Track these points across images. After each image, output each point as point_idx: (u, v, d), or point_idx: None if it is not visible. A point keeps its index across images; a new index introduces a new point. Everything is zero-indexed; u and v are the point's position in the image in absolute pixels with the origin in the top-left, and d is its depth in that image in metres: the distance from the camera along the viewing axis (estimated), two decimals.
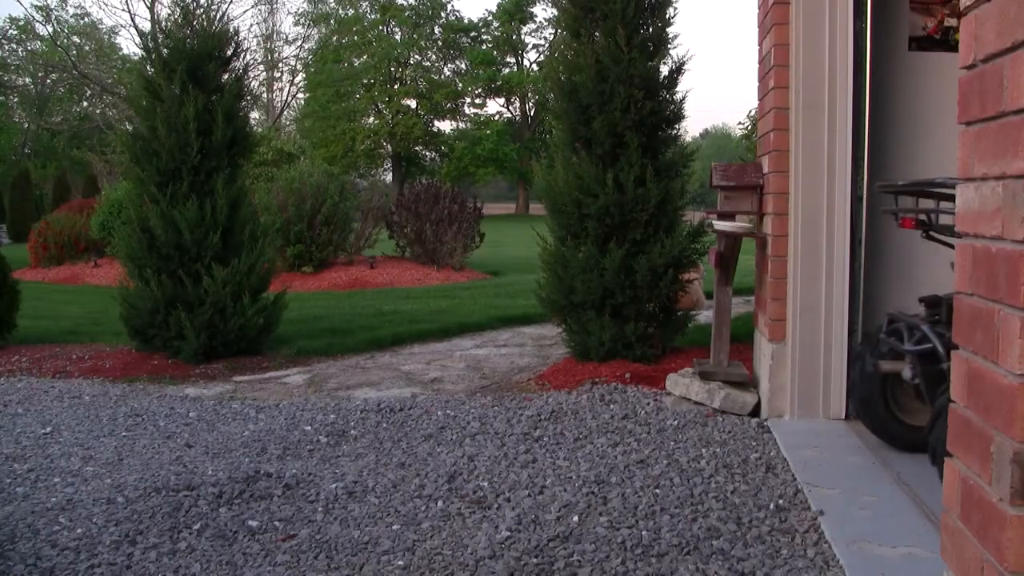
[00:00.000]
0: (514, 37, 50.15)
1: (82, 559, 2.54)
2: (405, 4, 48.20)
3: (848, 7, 3.75)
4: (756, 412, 4.06)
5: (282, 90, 39.43)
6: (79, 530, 2.75)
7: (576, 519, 2.76)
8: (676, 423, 3.89)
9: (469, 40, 50.39)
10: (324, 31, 45.32)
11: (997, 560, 1.40)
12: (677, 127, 5.11)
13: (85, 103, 40.07)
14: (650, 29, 4.97)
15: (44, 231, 13.10)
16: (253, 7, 38.32)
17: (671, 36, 5.03)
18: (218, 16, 5.83)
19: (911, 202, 3.25)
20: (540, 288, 5.25)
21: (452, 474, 3.24)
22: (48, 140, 39.98)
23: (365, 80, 46.05)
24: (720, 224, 4.19)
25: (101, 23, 46.40)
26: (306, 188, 11.18)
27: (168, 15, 6.02)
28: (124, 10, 61.13)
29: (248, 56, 23.62)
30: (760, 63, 4.46)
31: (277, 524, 2.80)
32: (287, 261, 10.88)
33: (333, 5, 46.90)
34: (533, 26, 49.94)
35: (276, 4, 38.15)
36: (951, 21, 4.02)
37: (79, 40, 36.71)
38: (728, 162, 4.82)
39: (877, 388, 3.36)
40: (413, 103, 47.73)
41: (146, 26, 26.77)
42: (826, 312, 3.83)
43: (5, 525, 2.80)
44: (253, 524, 2.79)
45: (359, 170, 43.53)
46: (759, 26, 4.45)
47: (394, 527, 2.75)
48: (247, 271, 5.57)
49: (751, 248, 4.59)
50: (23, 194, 23.97)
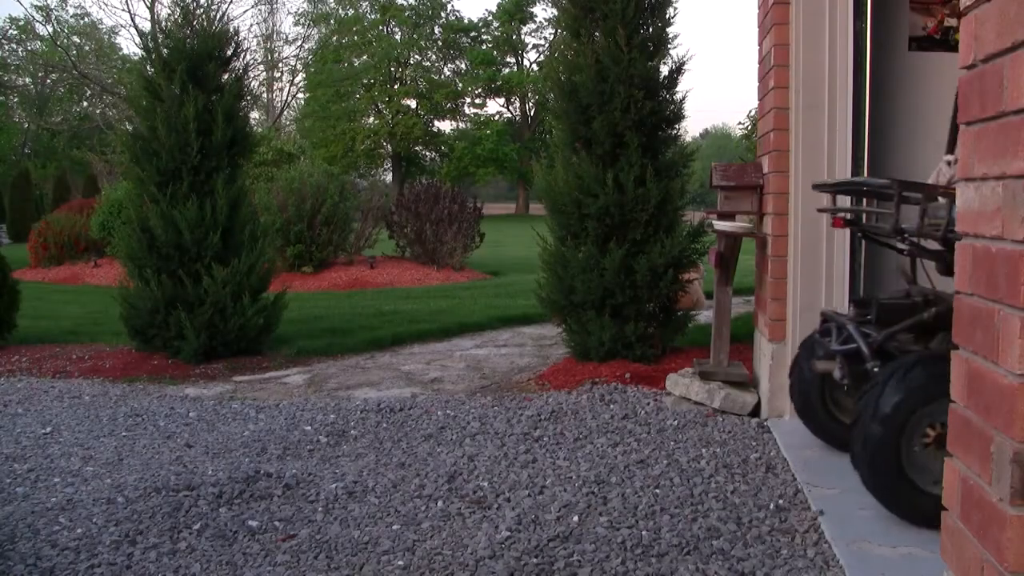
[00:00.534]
0: (514, 37, 50.14)
1: (82, 559, 2.54)
2: (405, 4, 48.19)
3: (848, 7, 3.75)
4: (756, 412, 4.06)
5: (282, 90, 39.47)
6: (79, 530, 2.75)
7: (576, 519, 2.76)
8: (676, 423, 3.89)
9: (469, 40, 50.39)
10: (324, 31, 45.32)
11: (997, 560, 1.40)
12: (677, 127, 5.12)
13: (85, 103, 40.08)
14: (650, 29, 4.97)
15: (44, 231, 13.10)
16: (253, 7, 38.34)
17: (671, 36, 5.04)
18: (218, 16, 5.83)
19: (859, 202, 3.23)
20: (540, 288, 5.25)
21: (452, 474, 3.25)
22: (48, 140, 39.98)
23: (365, 80, 46.05)
24: (720, 224, 4.19)
25: (101, 23, 46.45)
26: (306, 188, 11.18)
27: (168, 15, 6.02)
28: (124, 10, 61.26)
29: (248, 56, 23.63)
30: (760, 63, 4.46)
31: (277, 524, 2.80)
32: (287, 261, 10.88)
33: (333, 5, 46.90)
34: (533, 26, 49.96)
35: (276, 4, 38.17)
36: (951, 21, 4.03)
37: (79, 40, 36.72)
38: (728, 162, 4.83)
39: (815, 388, 3.36)
40: (413, 103, 47.73)
41: (146, 26, 26.79)
42: None
43: (5, 525, 2.80)
44: (253, 524, 2.80)
45: (359, 170, 43.52)
46: (759, 26, 4.45)
47: (394, 527, 2.75)
48: (247, 271, 5.57)
49: (751, 248, 4.59)
50: (23, 194, 23.97)
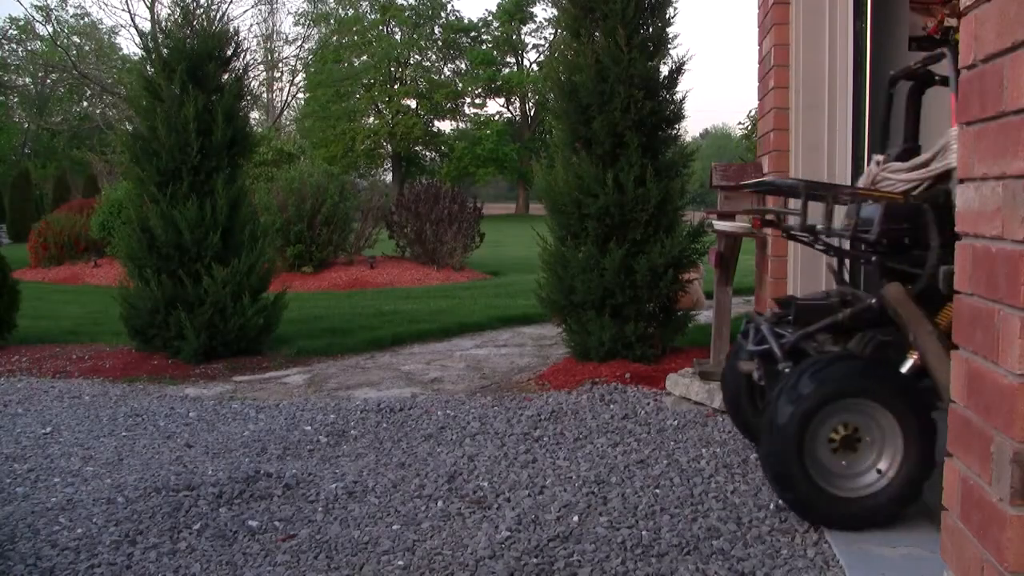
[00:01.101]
0: (514, 37, 50.15)
1: (82, 559, 2.54)
2: (405, 4, 48.20)
3: (848, 7, 3.75)
4: None
5: (282, 90, 39.47)
6: (79, 530, 2.75)
7: (576, 519, 2.76)
8: (676, 423, 3.89)
9: (469, 40, 50.39)
10: (324, 31, 45.33)
11: (997, 560, 1.40)
12: (677, 127, 5.12)
13: (85, 103, 40.09)
14: (650, 29, 4.97)
15: (44, 231, 13.10)
16: (253, 7, 38.39)
17: (671, 36, 5.04)
18: (218, 16, 5.82)
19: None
20: (540, 288, 5.25)
21: (452, 474, 3.24)
22: (48, 140, 39.98)
23: (365, 80, 46.06)
24: (720, 224, 4.19)
25: (101, 23, 46.49)
26: (306, 188, 11.18)
27: (168, 15, 6.02)
28: (124, 10, 61.31)
29: (248, 56, 23.63)
30: (760, 63, 4.46)
31: (277, 524, 2.80)
32: (287, 261, 10.88)
33: (333, 5, 46.91)
34: (533, 26, 49.97)
35: (276, 4, 38.18)
36: (951, 21, 4.02)
37: (79, 40, 36.74)
38: (728, 162, 4.82)
39: (742, 388, 3.36)
40: (413, 103, 47.74)
41: (146, 26, 26.79)
42: None
43: (5, 525, 2.80)
44: (253, 524, 2.80)
45: (359, 170, 43.53)
46: (759, 26, 4.45)
47: (394, 527, 2.75)
48: (247, 271, 5.57)
49: (751, 248, 4.59)
50: (23, 194, 23.97)
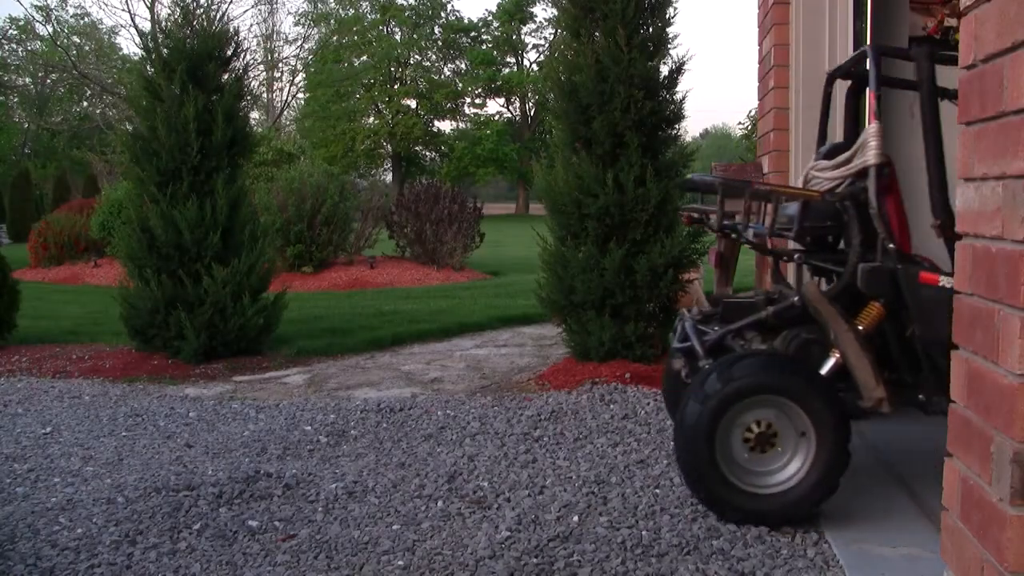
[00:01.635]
0: (514, 37, 50.14)
1: (82, 559, 2.54)
2: (405, 4, 48.20)
3: (848, 7, 3.75)
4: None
5: (282, 90, 39.48)
6: (79, 530, 2.75)
7: (576, 519, 2.76)
8: None
9: (469, 40, 50.39)
10: (324, 31, 45.33)
11: (997, 560, 1.40)
12: (677, 127, 5.11)
13: (85, 103, 40.09)
14: (650, 29, 4.97)
15: (44, 231, 13.09)
16: (253, 7, 38.40)
17: (671, 36, 5.03)
18: (218, 16, 5.82)
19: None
20: (540, 288, 5.25)
21: (452, 474, 3.24)
22: (48, 140, 39.98)
23: (365, 80, 46.06)
24: None
25: (101, 23, 46.51)
26: (306, 188, 11.18)
27: (168, 15, 6.01)
28: (124, 10, 61.36)
29: (248, 56, 23.63)
30: (760, 63, 4.47)
31: (277, 524, 2.80)
32: (287, 261, 10.88)
33: (333, 5, 46.91)
34: (533, 26, 49.97)
35: (276, 4, 38.18)
36: (951, 21, 4.02)
37: (79, 40, 36.75)
38: (728, 162, 4.83)
39: (674, 384, 3.37)
40: (413, 103, 47.74)
41: (146, 26, 26.79)
42: None
43: (5, 525, 2.80)
44: (253, 524, 2.80)
45: (359, 170, 43.53)
46: (759, 26, 4.45)
47: (394, 527, 2.75)
48: (247, 271, 5.57)
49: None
50: (23, 194, 23.96)
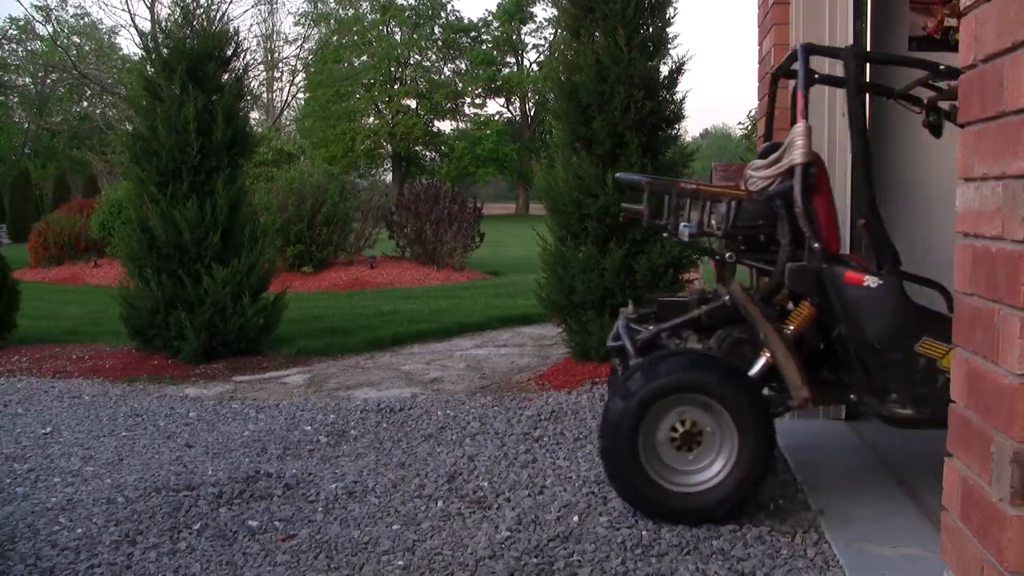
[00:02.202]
0: (514, 37, 50.12)
1: (82, 559, 2.54)
2: (405, 4, 48.18)
3: (848, 7, 3.75)
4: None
5: (282, 90, 39.49)
6: (79, 530, 2.75)
7: (576, 519, 2.76)
8: None
9: (469, 40, 50.37)
10: (324, 31, 45.32)
11: (997, 560, 1.40)
12: (677, 127, 5.12)
13: (85, 103, 40.07)
14: (650, 29, 4.97)
15: (44, 231, 13.09)
16: (253, 7, 38.39)
17: (671, 36, 5.04)
18: (218, 16, 5.82)
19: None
20: (540, 288, 5.25)
21: (452, 474, 3.25)
22: (48, 140, 39.96)
23: (365, 80, 46.04)
24: None
25: (101, 23, 46.49)
26: (306, 188, 11.18)
27: (168, 15, 6.02)
28: (124, 10, 61.31)
29: (248, 56, 23.63)
30: (760, 63, 4.46)
31: (277, 524, 2.80)
32: (287, 261, 10.88)
33: (333, 5, 46.89)
34: (533, 26, 49.94)
35: (276, 4, 38.18)
36: (951, 21, 4.02)
37: (79, 40, 36.74)
38: (728, 162, 4.83)
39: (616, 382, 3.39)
40: (413, 103, 47.72)
41: (146, 26, 26.78)
42: None
43: (5, 525, 2.80)
44: (253, 524, 2.80)
45: (359, 170, 43.50)
46: (759, 26, 4.45)
47: (394, 527, 2.75)
48: (247, 271, 5.57)
49: None
50: (23, 194, 23.95)
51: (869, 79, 3.76)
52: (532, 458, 3.43)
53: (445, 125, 49.87)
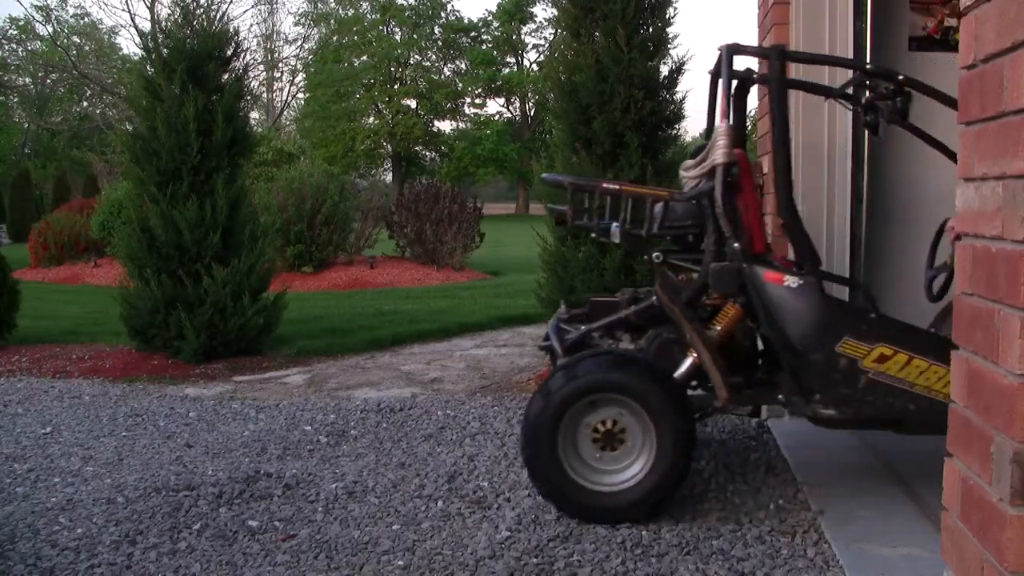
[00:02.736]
0: (514, 37, 50.10)
1: (82, 559, 2.54)
2: (405, 4, 48.16)
3: (848, 7, 3.75)
4: (756, 412, 4.05)
5: (282, 90, 39.50)
6: (79, 530, 2.76)
7: (576, 519, 2.76)
8: None
9: (469, 40, 50.35)
10: (324, 31, 45.31)
11: (997, 560, 1.40)
12: (677, 127, 5.12)
13: (85, 103, 40.07)
14: (650, 29, 4.97)
15: (44, 231, 13.09)
16: (253, 7, 38.40)
17: (671, 36, 5.04)
18: (218, 16, 5.82)
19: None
20: (540, 288, 5.25)
21: (452, 474, 3.25)
22: (48, 140, 39.95)
23: (365, 80, 46.02)
24: None
25: (101, 23, 46.48)
26: (306, 188, 11.17)
27: (168, 15, 6.02)
28: (124, 10, 61.27)
29: (248, 56, 23.63)
30: (760, 63, 4.45)
31: (277, 524, 2.80)
32: (287, 261, 10.87)
33: (333, 5, 46.88)
34: (533, 26, 49.90)
35: (276, 4, 38.19)
36: (951, 21, 4.02)
37: (79, 40, 36.74)
38: None
39: None
40: (413, 103, 47.70)
41: (146, 26, 26.78)
42: None
43: (5, 525, 2.80)
44: (253, 524, 2.80)
45: (359, 170, 43.48)
46: (759, 26, 4.44)
47: (394, 527, 2.75)
48: (247, 271, 5.57)
49: None
50: (23, 194, 23.95)
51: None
52: None
53: (445, 125, 49.88)
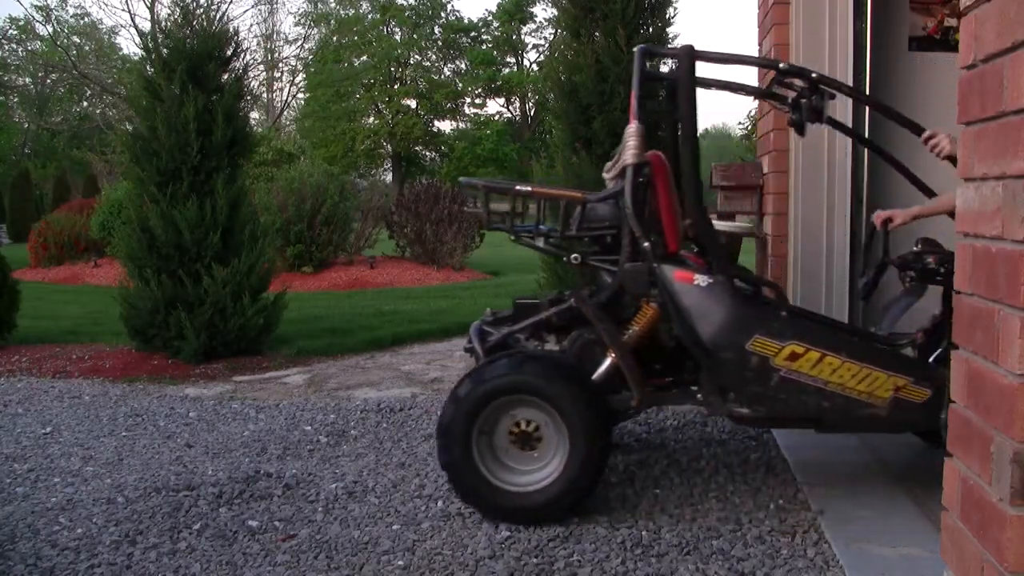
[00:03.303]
0: (514, 37, 50.06)
1: (82, 559, 2.54)
2: (405, 4, 48.14)
3: (848, 7, 3.75)
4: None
5: (282, 90, 39.44)
6: (79, 530, 2.76)
7: (576, 519, 2.76)
8: (676, 423, 3.88)
9: (469, 40, 50.33)
10: (324, 31, 45.30)
11: (997, 560, 1.40)
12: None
13: (85, 103, 40.02)
14: (650, 29, 4.97)
15: (44, 231, 13.08)
16: (253, 7, 38.28)
17: (671, 36, 5.04)
18: (218, 16, 5.82)
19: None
20: (540, 288, 5.24)
21: None
22: (48, 140, 39.93)
23: (365, 80, 45.99)
24: (720, 224, 4.19)
25: (101, 23, 46.37)
26: (306, 188, 11.17)
27: (168, 15, 6.01)
28: (124, 10, 61.03)
29: (248, 56, 23.60)
30: None
31: (277, 524, 2.80)
32: (287, 261, 10.87)
33: (333, 5, 46.86)
34: (533, 26, 49.82)
35: (276, 4, 38.16)
36: (951, 21, 4.03)
37: (79, 40, 36.69)
38: (728, 162, 4.83)
39: None
40: (413, 103, 47.66)
41: (146, 26, 26.74)
42: (826, 312, 3.83)
43: (5, 525, 2.80)
44: (253, 524, 2.80)
45: (359, 170, 43.43)
46: (759, 26, 4.45)
47: (394, 527, 2.75)
48: (247, 271, 5.57)
49: (752, 248, 4.59)
50: (23, 194, 23.94)
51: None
52: None
53: (445, 125, 49.81)
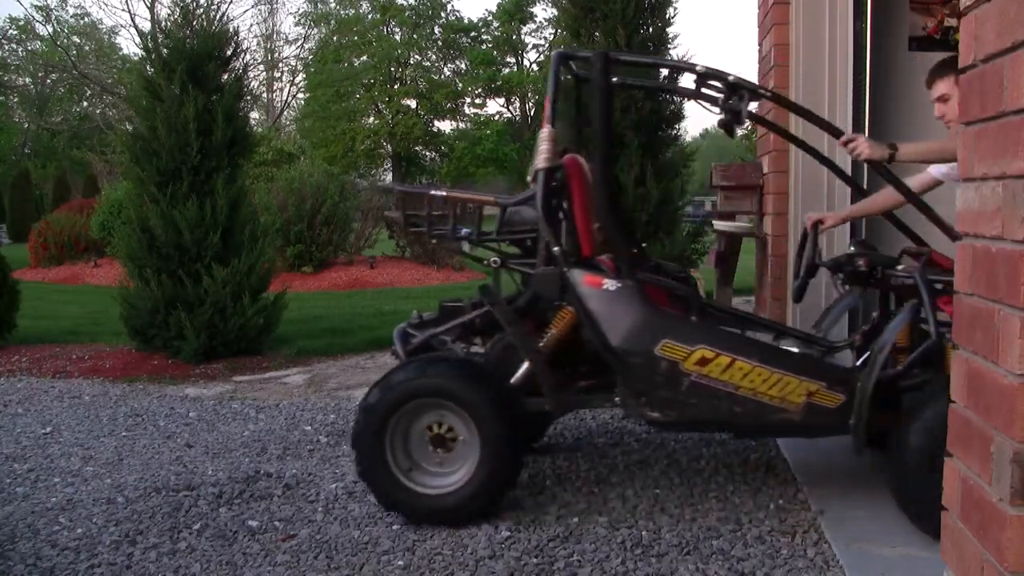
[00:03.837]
0: (514, 37, 50.04)
1: (82, 559, 2.54)
2: (405, 4, 48.14)
3: (848, 7, 3.75)
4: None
5: (282, 90, 39.46)
6: (79, 530, 2.76)
7: (576, 519, 2.76)
8: None
9: (469, 40, 50.32)
10: (324, 31, 45.30)
11: (997, 560, 1.40)
12: (677, 127, 5.12)
13: (85, 103, 40.01)
14: (650, 29, 4.98)
15: (44, 231, 13.08)
16: (253, 7, 38.28)
17: (671, 36, 5.05)
18: (218, 16, 5.82)
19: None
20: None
21: None
22: (48, 140, 39.93)
23: (365, 80, 45.99)
24: (720, 224, 4.19)
25: (101, 23, 46.33)
26: (306, 188, 11.17)
27: (168, 15, 6.02)
28: (124, 10, 60.99)
29: (248, 56, 23.60)
30: (760, 63, 4.46)
31: (277, 524, 2.80)
32: (287, 261, 10.87)
33: (333, 5, 46.87)
34: (533, 26, 49.81)
35: (276, 4, 38.18)
36: (951, 21, 4.03)
37: (79, 40, 36.68)
38: (728, 162, 4.83)
39: None
40: (413, 103, 47.64)
41: (146, 26, 26.72)
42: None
43: (5, 525, 2.80)
44: (253, 524, 2.80)
45: (359, 170, 43.43)
46: (759, 26, 4.45)
47: (394, 527, 2.75)
48: (247, 271, 5.57)
49: (752, 248, 4.59)
50: (23, 194, 23.96)
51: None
52: (532, 458, 3.43)
53: (445, 125, 49.78)
